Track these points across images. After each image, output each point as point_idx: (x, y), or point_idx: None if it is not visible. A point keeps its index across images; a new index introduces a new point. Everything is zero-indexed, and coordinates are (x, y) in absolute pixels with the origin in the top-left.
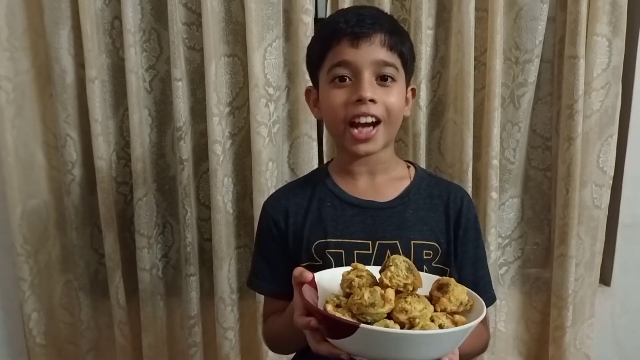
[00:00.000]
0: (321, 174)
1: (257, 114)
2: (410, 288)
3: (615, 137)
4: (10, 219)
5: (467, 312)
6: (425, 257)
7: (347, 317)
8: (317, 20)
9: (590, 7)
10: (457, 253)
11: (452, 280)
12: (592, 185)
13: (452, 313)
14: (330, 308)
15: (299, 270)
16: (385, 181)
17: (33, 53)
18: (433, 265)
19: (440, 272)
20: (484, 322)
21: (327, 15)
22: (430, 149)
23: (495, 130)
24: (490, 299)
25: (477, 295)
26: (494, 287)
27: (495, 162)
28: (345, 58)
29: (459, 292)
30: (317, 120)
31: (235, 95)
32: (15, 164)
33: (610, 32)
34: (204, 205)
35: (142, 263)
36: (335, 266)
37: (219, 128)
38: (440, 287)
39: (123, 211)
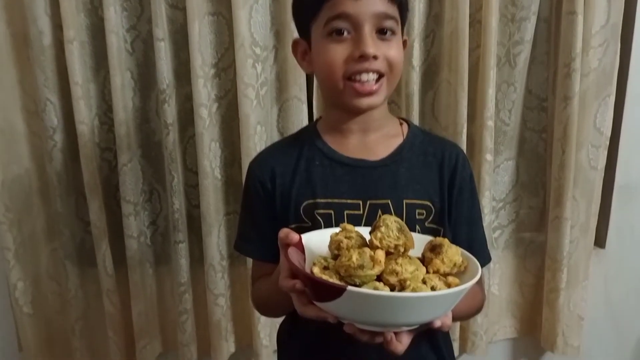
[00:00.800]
0: (309, 132)
1: (244, 75)
2: (402, 249)
3: (612, 97)
4: None
5: (461, 273)
6: (418, 216)
7: (334, 280)
8: None
9: None
10: (452, 213)
11: (446, 240)
12: (588, 146)
13: (446, 275)
14: (316, 270)
15: (284, 232)
16: (377, 139)
17: (8, 14)
18: (426, 225)
19: (434, 233)
20: (479, 282)
21: None
22: (424, 111)
23: (490, 91)
24: (485, 260)
25: (472, 256)
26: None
27: (490, 123)
28: (344, 10)
29: (453, 253)
30: (307, 82)
31: (220, 56)
32: None
33: None
34: (191, 171)
35: (129, 231)
36: (325, 227)
37: (204, 90)
38: (433, 248)
39: (108, 178)
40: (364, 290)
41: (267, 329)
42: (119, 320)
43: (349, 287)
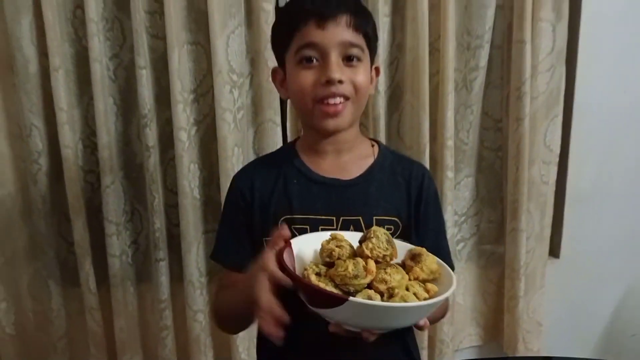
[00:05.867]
0: (288, 152)
1: (221, 100)
2: (389, 259)
3: (560, 117)
4: None
5: (435, 280)
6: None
7: (330, 288)
8: (277, 8)
9: None
10: (419, 226)
11: (424, 250)
12: (539, 163)
13: (424, 281)
14: (312, 277)
15: (280, 233)
16: (350, 159)
17: None
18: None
19: None
20: None
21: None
22: (390, 132)
23: (450, 113)
24: (450, 268)
25: (445, 264)
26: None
27: (450, 143)
28: (312, 39)
29: (430, 262)
30: (281, 106)
31: (199, 83)
32: None
33: (554, 17)
34: (171, 191)
35: (112, 250)
36: None
37: (183, 115)
38: (413, 257)
39: (91, 199)
40: (366, 301)
41: (245, 342)
42: (101, 337)
43: (351, 298)
